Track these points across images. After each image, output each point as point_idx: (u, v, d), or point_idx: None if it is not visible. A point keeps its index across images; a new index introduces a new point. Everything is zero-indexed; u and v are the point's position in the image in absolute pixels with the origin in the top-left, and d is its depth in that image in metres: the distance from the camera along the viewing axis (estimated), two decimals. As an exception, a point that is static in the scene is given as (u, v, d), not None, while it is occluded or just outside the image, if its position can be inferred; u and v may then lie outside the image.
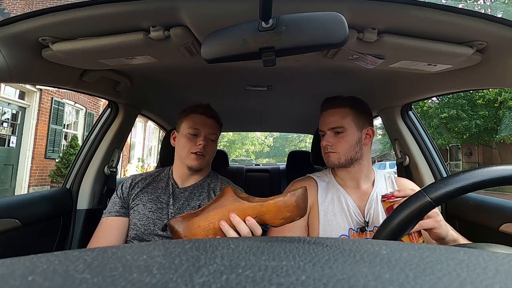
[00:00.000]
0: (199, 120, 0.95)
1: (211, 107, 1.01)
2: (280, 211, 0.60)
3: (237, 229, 0.60)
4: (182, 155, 0.96)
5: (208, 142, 0.96)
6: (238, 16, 0.59)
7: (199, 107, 0.98)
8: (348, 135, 0.86)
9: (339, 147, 0.86)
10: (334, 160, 0.87)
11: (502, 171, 0.40)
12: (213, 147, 0.99)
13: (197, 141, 0.93)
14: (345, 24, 0.45)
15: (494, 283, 0.15)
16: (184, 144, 0.94)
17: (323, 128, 0.90)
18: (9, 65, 0.70)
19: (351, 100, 0.89)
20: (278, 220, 0.60)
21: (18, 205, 1.02)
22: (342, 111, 0.87)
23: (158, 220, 0.89)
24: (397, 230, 0.42)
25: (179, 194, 0.95)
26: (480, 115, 11.89)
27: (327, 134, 0.88)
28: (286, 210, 0.60)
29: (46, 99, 6.32)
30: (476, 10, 8.23)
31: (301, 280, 0.15)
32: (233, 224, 0.60)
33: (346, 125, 0.86)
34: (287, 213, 0.60)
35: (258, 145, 18.83)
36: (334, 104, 0.89)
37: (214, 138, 0.98)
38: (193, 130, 0.94)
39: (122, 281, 0.15)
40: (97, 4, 0.60)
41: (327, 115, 0.89)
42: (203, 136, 0.94)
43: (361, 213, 0.85)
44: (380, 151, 20.22)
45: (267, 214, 0.60)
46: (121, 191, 0.97)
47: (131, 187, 0.97)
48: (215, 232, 0.60)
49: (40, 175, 6.33)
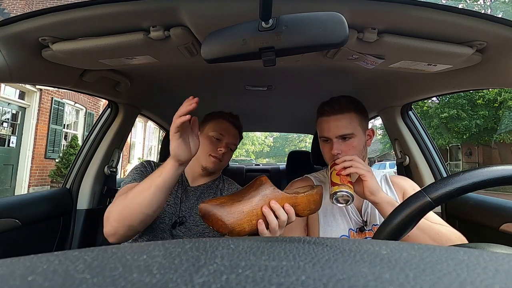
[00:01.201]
0: (226, 127, 0.96)
1: (238, 119, 1.02)
2: (309, 203, 0.67)
3: (277, 215, 0.63)
4: (199, 154, 0.93)
5: (228, 150, 0.97)
6: (238, 16, 0.59)
7: (228, 115, 1.00)
8: (357, 140, 0.83)
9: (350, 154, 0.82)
10: None
11: (502, 171, 0.40)
12: (230, 156, 1.01)
13: (219, 146, 0.93)
14: (345, 24, 0.45)
15: (494, 283, 0.15)
16: (206, 145, 0.93)
17: (329, 135, 0.84)
18: (9, 65, 0.70)
19: (354, 103, 0.86)
20: (306, 211, 0.67)
21: (18, 205, 1.02)
22: (348, 116, 0.83)
23: (173, 215, 0.89)
24: (397, 230, 0.42)
25: (190, 192, 0.96)
26: (480, 115, 11.89)
27: (335, 142, 0.83)
28: (313, 203, 0.67)
29: (46, 99, 6.32)
30: (476, 10, 8.24)
31: (301, 280, 0.15)
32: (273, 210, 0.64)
33: (355, 131, 0.82)
34: (313, 205, 0.67)
35: (258, 145, 18.84)
36: (339, 108, 0.83)
37: (233, 148, 0.99)
38: (217, 135, 0.95)
39: (122, 281, 0.15)
40: (97, 4, 0.60)
41: (333, 121, 0.83)
42: (225, 143, 0.95)
43: (359, 213, 0.85)
44: (380, 151, 20.21)
45: (299, 205, 0.66)
46: (150, 167, 0.92)
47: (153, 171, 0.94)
48: (258, 217, 0.63)
49: (40, 175, 6.33)
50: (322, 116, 0.86)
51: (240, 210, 0.62)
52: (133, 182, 0.86)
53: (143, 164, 0.94)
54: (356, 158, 0.76)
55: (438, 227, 0.69)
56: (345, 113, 0.83)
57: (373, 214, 0.83)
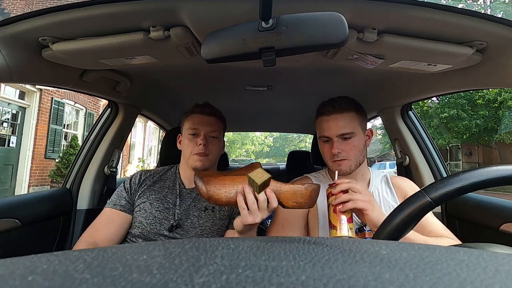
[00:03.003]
0: (197, 120, 0.94)
1: (209, 105, 0.99)
2: (295, 196, 0.68)
3: (256, 196, 0.65)
4: (185, 156, 0.95)
5: (210, 140, 0.94)
6: (238, 16, 0.59)
7: (196, 107, 0.97)
8: (357, 140, 0.83)
9: (350, 154, 0.82)
10: (346, 168, 0.82)
11: (502, 171, 0.40)
12: (216, 145, 0.97)
13: (197, 141, 0.92)
14: (345, 24, 0.45)
15: (494, 283, 0.15)
16: (187, 145, 0.94)
17: (329, 135, 0.83)
18: (9, 65, 0.70)
19: (353, 103, 0.86)
20: (291, 202, 0.68)
21: (18, 205, 1.02)
22: (349, 115, 0.83)
23: (164, 220, 0.89)
24: (397, 230, 0.42)
25: (186, 194, 0.95)
26: (480, 115, 11.88)
27: (335, 141, 0.82)
28: (300, 196, 0.68)
29: (46, 99, 6.32)
30: (476, 10, 8.23)
31: (301, 280, 0.15)
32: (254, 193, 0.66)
33: (355, 130, 0.82)
34: (300, 199, 0.68)
35: (258, 145, 18.83)
36: (339, 108, 0.83)
37: (216, 135, 0.95)
38: (192, 131, 0.93)
39: (122, 281, 0.15)
40: (97, 4, 0.60)
41: (334, 120, 0.83)
42: (202, 135, 0.92)
43: None
44: (380, 151, 20.21)
45: (284, 194, 0.68)
46: (129, 186, 0.95)
47: (139, 183, 0.96)
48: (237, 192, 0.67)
49: (40, 175, 6.33)
50: (322, 116, 0.86)
51: (222, 183, 0.68)
52: (113, 208, 0.92)
53: (125, 186, 0.97)
54: (354, 186, 0.70)
55: (425, 239, 0.71)
56: (345, 113, 0.83)
57: None
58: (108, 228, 0.90)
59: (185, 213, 0.91)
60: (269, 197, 0.66)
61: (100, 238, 0.88)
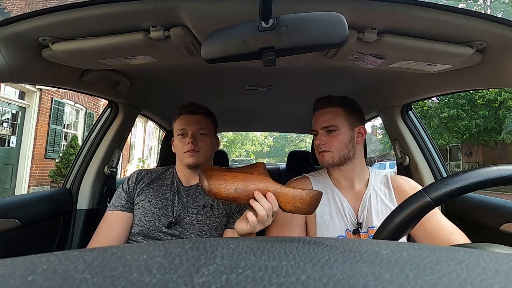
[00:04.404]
0: (183, 120, 0.97)
1: (194, 104, 1.00)
2: (294, 200, 0.67)
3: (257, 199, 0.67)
4: (179, 157, 0.98)
5: (199, 138, 0.96)
6: (238, 16, 0.59)
7: (182, 107, 1.00)
8: (341, 133, 0.86)
9: (332, 146, 0.86)
10: (328, 160, 0.87)
11: (502, 171, 0.40)
12: (206, 141, 0.98)
13: (186, 140, 0.95)
14: (345, 24, 0.45)
15: (494, 283, 0.15)
16: (177, 145, 0.97)
17: (315, 128, 0.91)
18: (9, 65, 0.70)
19: (342, 100, 0.91)
20: (289, 206, 0.68)
21: (18, 205, 1.02)
22: (334, 110, 0.88)
23: (163, 216, 0.90)
24: (397, 230, 0.42)
25: (183, 192, 0.96)
26: (480, 115, 11.87)
27: (319, 133, 0.89)
28: (299, 201, 0.67)
29: (46, 99, 6.32)
30: (476, 10, 8.23)
31: (301, 280, 0.15)
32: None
33: (339, 124, 0.87)
34: (299, 203, 0.67)
35: (258, 145, 18.82)
36: (325, 103, 0.90)
37: (204, 132, 0.97)
38: (180, 131, 0.96)
39: (122, 281, 0.15)
40: (97, 4, 0.60)
41: (319, 115, 0.90)
42: (190, 135, 0.95)
43: (355, 214, 0.85)
44: (380, 151, 20.21)
45: (283, 196, 0.68)
46: (127, 186, 0.98)
47: (137, 182, 0.98)
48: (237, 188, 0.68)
49: (40, 175, 6.33)
50: (313, 112, 0.94)
51: (224, 178, 0.69)
52: (114, 210, 0.93)
53: (123, 187, 0.98)
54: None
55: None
56: (332, 107, 0.89)
57: (369, 217, 0.83)
58: (114, 230, 0.91)
59: (184, 210, 0.92)
60: (270, 201, 0.67)
61: (106, 244, 0.89)
